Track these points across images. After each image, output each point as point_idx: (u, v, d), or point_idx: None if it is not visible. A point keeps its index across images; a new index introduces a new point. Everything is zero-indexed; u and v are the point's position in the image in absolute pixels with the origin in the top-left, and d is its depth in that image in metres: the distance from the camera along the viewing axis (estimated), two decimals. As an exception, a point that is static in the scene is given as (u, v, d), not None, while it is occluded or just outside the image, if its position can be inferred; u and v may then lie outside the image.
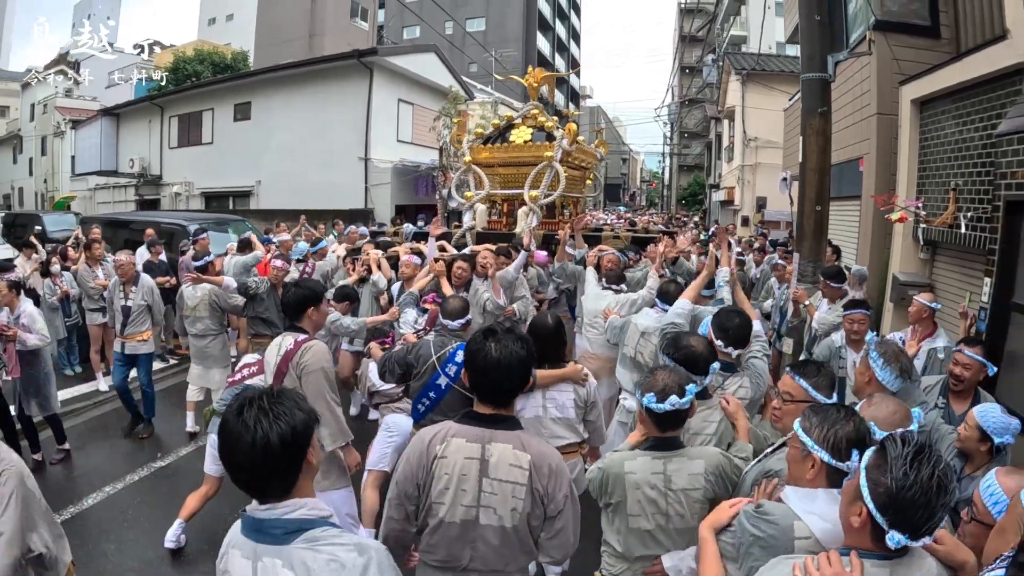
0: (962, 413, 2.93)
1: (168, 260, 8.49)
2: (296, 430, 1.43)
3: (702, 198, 35.97)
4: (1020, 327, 4.39)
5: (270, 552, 1.44)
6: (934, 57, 6.53)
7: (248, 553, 1.47)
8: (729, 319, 2.97)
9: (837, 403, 1.89)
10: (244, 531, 1.50)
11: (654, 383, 2.19)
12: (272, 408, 1.43)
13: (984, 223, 4.97)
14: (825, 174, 6.02)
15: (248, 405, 1.44)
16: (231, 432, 1.42)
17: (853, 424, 1.72)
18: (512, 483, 1.94)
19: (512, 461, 1.95)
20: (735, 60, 20.27)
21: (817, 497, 1.69)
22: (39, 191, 31.63)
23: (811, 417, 1.78)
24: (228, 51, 29.43)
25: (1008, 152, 4.39)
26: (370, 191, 17.35)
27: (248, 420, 1.41)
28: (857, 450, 1.66)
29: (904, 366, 2.64)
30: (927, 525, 1.34)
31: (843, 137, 8.56)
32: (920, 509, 1.32)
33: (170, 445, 5.66)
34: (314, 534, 1.44)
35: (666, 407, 2.12)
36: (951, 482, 1.35)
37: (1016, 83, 4.76)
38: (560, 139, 7.24)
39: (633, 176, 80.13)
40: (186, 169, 21.17)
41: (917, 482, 1.32)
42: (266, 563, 1.43)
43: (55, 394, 5.21)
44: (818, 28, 6.03)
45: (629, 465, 2.21)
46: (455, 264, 5.25)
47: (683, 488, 2.18)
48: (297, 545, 1.43)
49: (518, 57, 40.24)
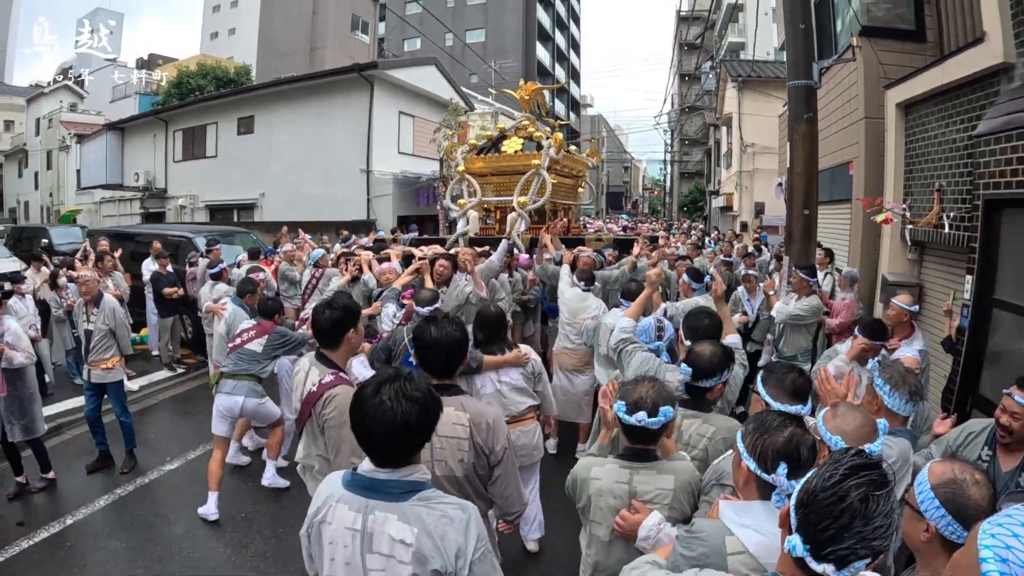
0: (1011, 470, 2.50)
1: (175, 271, 8.70)
2: (427, 412, 1.69)
3: (703, 205, 36.09)
4: (1001, 323, 4.48)
5: (382, 507, 1.66)
6: (919, 61, 6.65)
7: (358, 507, 1.69)
8: (699, 319, 3.02)
9: (781, 411, 1.82)
10: (354, 488, 1.72)
11: (631, 393, 2.12)
12: (410, 392, 1.67)
13: (966, 222, 5.08)
14: (812, 178, 6.13)
15: (386, 384, 1.67)
16: (370, 407, 1.65)
17: (785, 436, 1.62)
18: (456, 438, 2.29)
19: (455, 420, 2.30)
20: (731, 67, 20.44)
21: (751, 509, 1.62)
22: (45, 204, 31.95)
23: (750, 423, 1.73)
24: (231, 65, 29.79)
25: (986, 152, 4.49)
26: (372, 202, 17.53)
27: (387, 399, 1.64)
28: (785, 463, 1.58)
29: (913, 387, 2.53)
30: (832, 547, 1.16)
31: (833, 141, 8.70)
32: (827, 520, 1.16)
33: (177, 450, 5.79)
34: (426, 494, 1.69)
35: (632, 421, 2.06)
36: (882, 516, 1.16)
37: (994, 84, 4.88)
38: (547, 148, 7.55)
39: (635, 184, 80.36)
40: (191, 182, 21.42)
41: (840, 491, 1.17)
42: (378, 516, 1.66)
43: (40, 415, 4.99)
44: (803, 35, 6.16)
45: (596, 471, 2.20)
46: (436, 262, 5.60)
47: (647, 501, 2.11)
48: (412, 502, 1.66)
49: (518, 68, 40.51)
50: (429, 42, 31.68)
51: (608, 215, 45.07)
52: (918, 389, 2.55)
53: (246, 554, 4.08)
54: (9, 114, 38.24)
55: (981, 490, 1.57)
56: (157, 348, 8.85)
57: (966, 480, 1.58)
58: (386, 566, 1.65)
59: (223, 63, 30.02)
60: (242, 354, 4.63)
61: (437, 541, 1.64)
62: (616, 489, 2.14)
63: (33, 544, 4.21)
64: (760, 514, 1.59)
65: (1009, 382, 2.47)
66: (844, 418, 2.03)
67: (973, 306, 4.62)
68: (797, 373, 2.28)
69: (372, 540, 1.67)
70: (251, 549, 4.13)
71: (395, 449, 1.68)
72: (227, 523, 4.44)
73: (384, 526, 1.65)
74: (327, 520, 1.73)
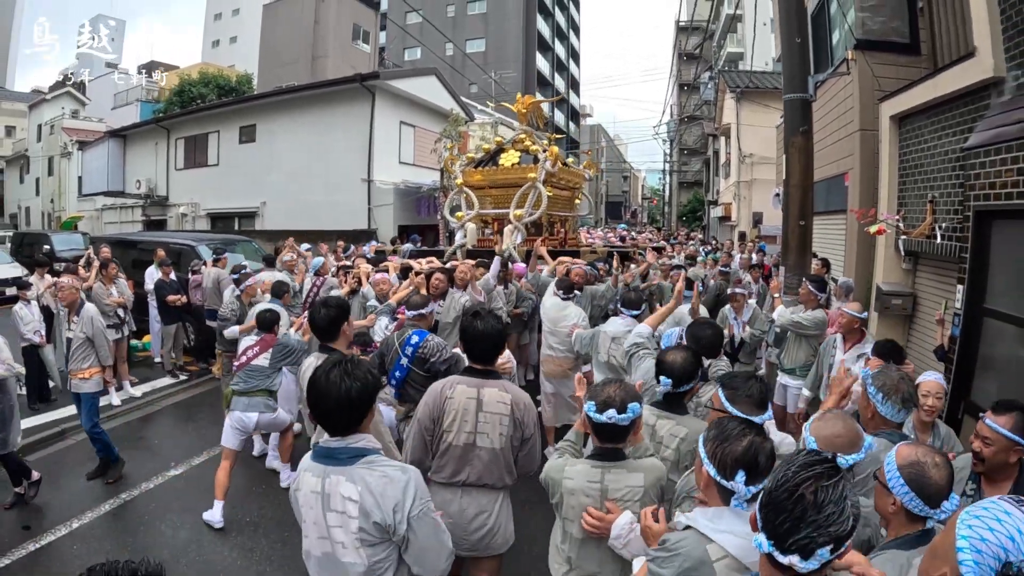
0: None
1: (179, 279, 8.77)
2: (366, 388, 2.00)
3: (701, 214, 36.24)
4: (991, 331, 4.57)
5: (336, 471, 1.99)
6: (914, 74, 6.76)
7: (318, 473, 2.01)
8: (702, 329, 3.20)
9: (742, 419, 1.85)
10: (315, 458, 2.06)
11: (600, 393, 2.22)
12: (352, 371, 2.00)
13: (957, 233, 5.17)
14: (808, 190, 6.23)
15: (335, 367, 2.00)
16: (322, 384, 1.98)
17: (744, 444, 1.67)
18: (499, 414, 2.76)
19: (499, 399, 2.77)
20: (730, 78, 20.59)
21: (723, 515, 1.68)
22: (46, 211, 32.06)
23: (711, 430, 1.78)
24: (233, 73, 29.99)
25: (977, 164, 4.59)
26: (373, 212, 17.61)
27: (335, 378, 1.97)
28: (744, 471, 1.64)
29: (906, 395, 2.55)
30: (792, 538, 1.23)
31: (829, 153, 8.81)
32: (783, 514, 1.25)
33: (181, 455, 5.85)
34: (370, 459, 2.01)
35: (603, 419, 2.15)
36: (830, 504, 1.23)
37: (984, 98, 4.99)
38: (543, 161, 7.69)
39: (634, 194, 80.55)
40: (192, 190, 21.50)
41: (790, 485, 1.26)
42: (333, 479, 1.98)
43: (18, 429, 4.86)
44: (798, 49, 6.27)
45: (568, 471, 2.29)
46: (433, 276, 5.76)
47: (619, 499, 2.21)
48: (358, 466, 1.98)
49: (518, 78, 40.78)
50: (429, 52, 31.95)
51: (607, 225, 45.24)
52: (910, 396, 2.57)
53: (252, 558, 4.14)
54: (11, 120, 38.47)
55: (940, 472, 1.74)
56: (160, 355, 8.92)
57: (927, 463, 1.75)
58: (341, 521, 1.96)
59: (225, 71, 30.23)
60: (251, 371, 4.73)
61: (377, 497, 1.93)
62: (588, 488, 2.24)
63: (39, 547, 4.27)
64: (731, 518, 1.66)
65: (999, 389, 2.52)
66: (823, 424, 2.12)
67: (964, 315, 4.70)
68: (757, 381, 2.33)
69: (330, 500, 1.98)
70: (256, 553, 4.19)
71: (343, 420, 2.00)
72: (232, 527, 4.50)
73: (337, 487, 1.97)
74: (299, 488, 2.05)
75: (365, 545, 1.96)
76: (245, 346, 4.88)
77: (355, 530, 1.95)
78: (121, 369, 7.68)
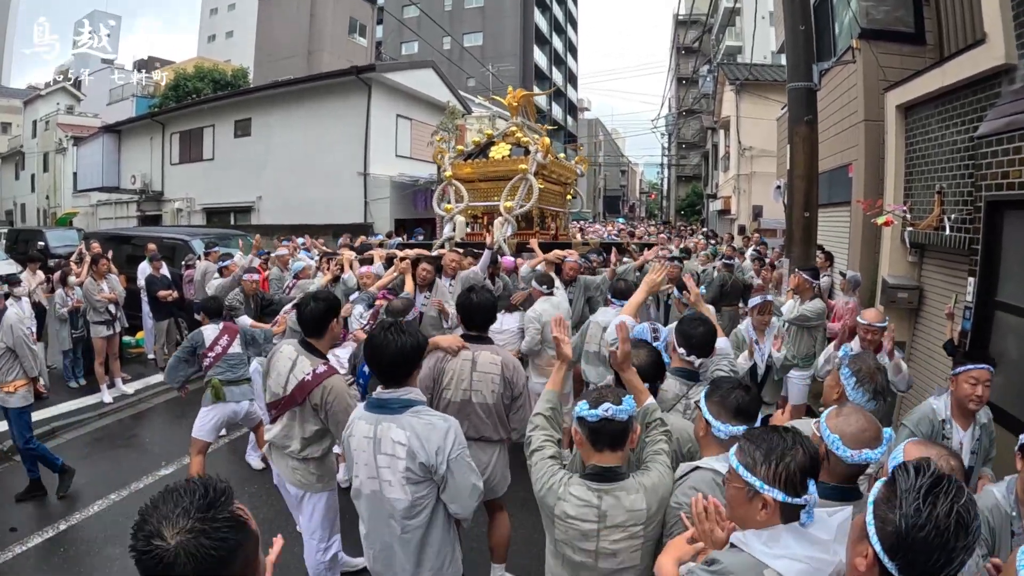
0: None
1: (171, 274, 8.65)
2: (418, 344, 2.39)
3: (700, 208, 36.14)
4: (1003, 325, 4.46)
5: (387, 419, 2.32)
6: (919, 63, 6.64)
7: (371, 420, 2.36)
8: (693, 327, 2.88)
9: (771, 427, 1.67)
10: (368, 408, 2.40)
11: (589, 395, 2.04)
12: (405, 330, 2.37)
13: (967, 224, 5.06)
14: (812, 181, 6.12)
15: (391, 327, 2.37)
16: (380, 342, 2.34)
17: (802, 451, 1.53)
18: (491, 373, 3.18)
19: (491, 361, 3.21)
20: (730, 71, 20.47)
21: (780, 537, 1.50)
22: (41, 207, 31.83)
23: (752, 451, 1.56)
24: (228, 68, 29.76)
25: (988, 153, 4.47)
26: (369, 205, 17.49)
27: (392, 335, 2.33)
28: (812, 479, 1.51)
29: (879, 386, 2.48)
30: (945, 572, 1.16)
31: (833, 144, 8.69)
32: (935, 552, 1.15)
33: (173, 453, 5.74)
34: (417, 408, 2.35)
35: (599, 413, 1.92)
36: (973, 520, 1.17)
37: (995, 86, 4.86)
38: (535, 152, 7.58)
39: (632, 188, 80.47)
40: (187, 185, 21.34)
41: (931, 520, 1.15)
42: (384, 426, 2.31)
43: None
44: (803, 37, 6.16)
45: (563, 492, 2.01)
46: (420, 265, 5.54)
47: (618, 525, 1.96)
48: (407, 414, 2.32)
49: (515, 71, 40.58)
50: (427, 45, 31.72)
51: (605, 219, 45.16)
52: (883, 389, 2.52)
53: None
54: (6, 116, 38.09)
55: None
56: (153, 351, 8.81)
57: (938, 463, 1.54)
58: (389, 463, 2.29)
59: (220, 66, 30.00)
60: (230, 359, 4.71)
61: (423, 441, 2.26)
62: (585, 514, 1.98)
63: (27, 549, 4.17)
64: (793, 540, 1.49)
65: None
66: (847, 419, 1.92)
67: (975, 308, 4.59)
68: (743, 390, 2.11)
69: (380, 444, 2.31)
70: None
71: (398, 372, 2.36)
72: None
73: (388, 433, 2.30)
74: (352, 434, 2.40)
75: (410, 483, 2.29)
76: (212, 340, 4.77)
77: (402, 470, 2.27)
78: (113, 366, 7.58)
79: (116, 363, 7.66)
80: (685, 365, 2.86)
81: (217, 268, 7.26)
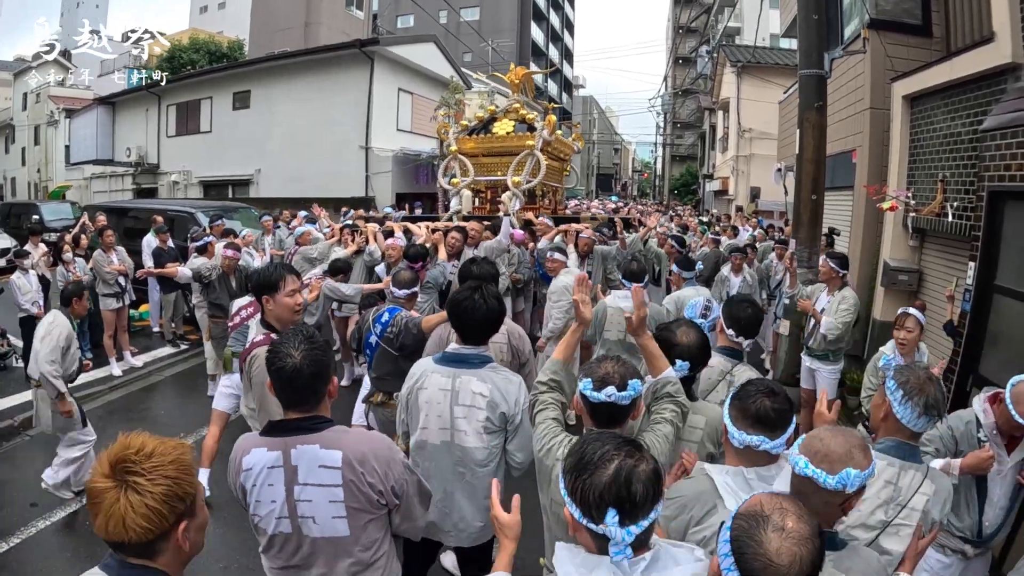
0: None
1: (177, 247, 8.60)
2: (502, 310, 2.64)
3: (695, 188, 36.34)
4: (1001, 308, 4.75)
5: (467, 373, 2.51)
6: (925, 55, 6.87)
7: (447, 374, 2.53)
8: (741, 309, 2.99)
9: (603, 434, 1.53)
10: (443, 363, 2.56)
11: (596, 369, 1.95)
12: (490, 295, 2.58)
13: (969, 212, 5.33)
14: (821, 165, 6.34)
15: (476, 290, 2.57)
16: (468, 304, 2.52)
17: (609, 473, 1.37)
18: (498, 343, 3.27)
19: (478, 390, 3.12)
20: (731, 52, 20.53)
21: None
22: (32, 181, 31.44)
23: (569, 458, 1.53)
24: (224, 40, 29.33)
25: (991, 146, 4.72)
26: (371, 179, 17.54)
27: (478, 299, 2.53)
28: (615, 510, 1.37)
29: (931, 400, 2.07)
30: None
31: (837, 130, 8.90)
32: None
33: (189, 426, 5.81)
34: (493, 365, 2.60)
35: (601, 397, 1.88)
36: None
37: (1001, 82, 5.11)
38: (541, 129, 7.79)
39: (625, 166, 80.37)
40: (184, 158, 21.21)
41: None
42: (463, 379, 2.50)
43: None
44: (816, 25, 6.33)
45: (560, 454, 1.98)
46: (449, 234, 5.93)
47: None
48: (486, 369, 2.54)
49: (512, 47, 40.28)
50: (423, 18, 31.41)
51: (599, 196, 45.26)
52: (936, 403, 2.08)
53: (242, 536, 3.88)
54: (-5, 89, 37.35)
55: (779, 542, 1.17)
56: (159, 324, 8.80)
57: (765, 521, 1.21)
58: (467, 413, 2.47)
59: (216, 37, 29.57)
60: (245, 331, 4.57)
61: (504, 393, 2.48)
62: None
63: (50, 524, 4.28)
64: None
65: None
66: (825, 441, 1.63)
67: (975, 291, 4.88)
68: (769, 396, 1.87)
69: (458, 396, 2.48)
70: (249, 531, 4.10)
71: (483, 332, 2.57)
72: (223, 504, 4.16)
73: (468, 385, 2.48)
74: (424, 387, 2.54)
75: (487, 432, 2.48)
76: (239, 307, 4.55)
77: (482, 419, 2.46)
78: (121, 339, 7.56)
79: (125, 336, 7.64)
80: (732, 345, 2.98)
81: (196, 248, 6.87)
